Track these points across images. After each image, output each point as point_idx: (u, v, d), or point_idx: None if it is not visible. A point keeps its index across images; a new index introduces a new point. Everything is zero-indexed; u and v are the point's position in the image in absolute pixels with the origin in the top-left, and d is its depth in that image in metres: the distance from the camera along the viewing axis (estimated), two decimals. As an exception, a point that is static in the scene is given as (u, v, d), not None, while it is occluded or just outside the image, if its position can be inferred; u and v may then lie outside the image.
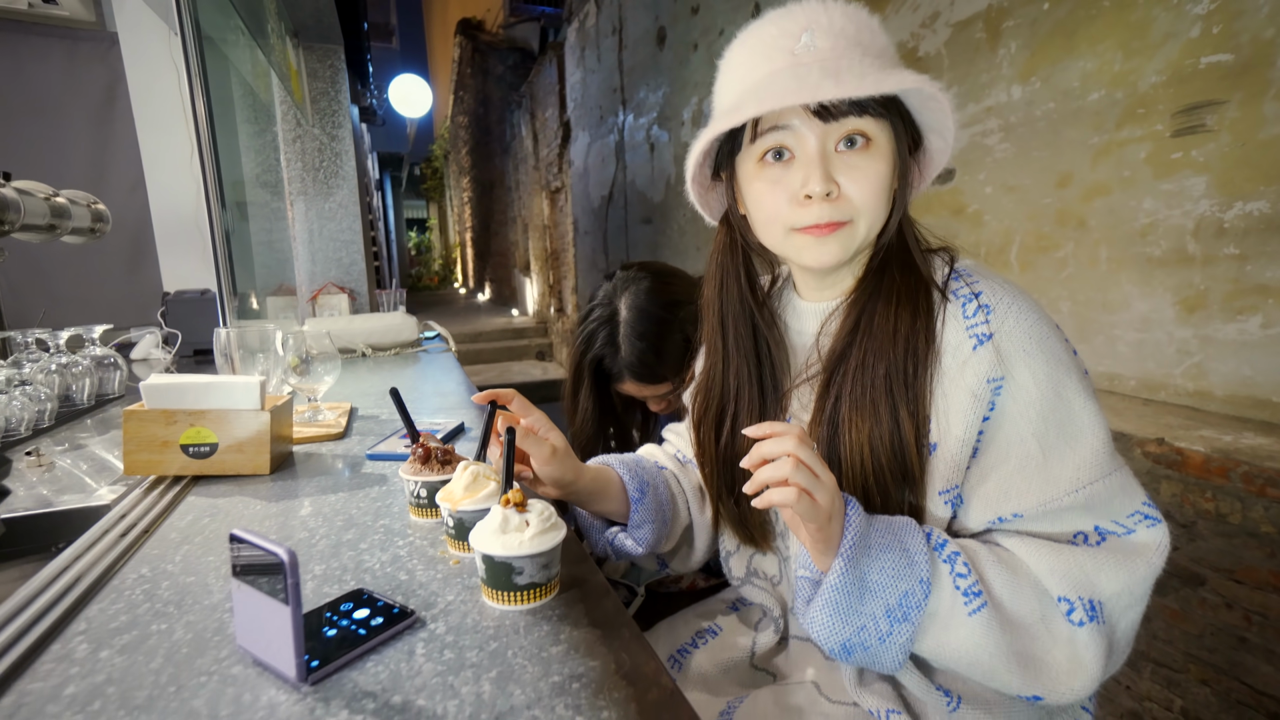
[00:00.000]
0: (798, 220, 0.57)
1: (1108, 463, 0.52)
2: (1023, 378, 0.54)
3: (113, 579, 0.58)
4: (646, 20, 3.99)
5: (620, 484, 0.74)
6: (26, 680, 0.43)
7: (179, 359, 1.97)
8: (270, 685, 0.43)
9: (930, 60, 2.22)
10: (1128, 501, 0.53)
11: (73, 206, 1.75)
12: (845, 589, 0.49)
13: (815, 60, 0.54)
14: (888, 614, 0.49)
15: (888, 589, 0.49)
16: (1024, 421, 0.54)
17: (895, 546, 0.50)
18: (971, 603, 0.49)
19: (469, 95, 10.93)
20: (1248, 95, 1.37)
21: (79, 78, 2.35)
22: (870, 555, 0.50)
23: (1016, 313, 0.55)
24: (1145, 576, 0.51)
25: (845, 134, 0.55)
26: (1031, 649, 0.50)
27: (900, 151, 0.57)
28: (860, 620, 0.49)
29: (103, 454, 1.06)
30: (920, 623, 0.50)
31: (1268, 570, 1.18)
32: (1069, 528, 0.53)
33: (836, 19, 0.55)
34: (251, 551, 0.44)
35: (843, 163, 0.56)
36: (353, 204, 2.78)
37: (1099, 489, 0.52)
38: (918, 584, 0.49)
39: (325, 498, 0.79)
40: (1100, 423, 0.54)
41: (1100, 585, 0.50)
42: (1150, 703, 1.40)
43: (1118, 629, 0.50)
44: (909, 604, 0.49)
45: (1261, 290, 1.39)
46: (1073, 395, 0.54)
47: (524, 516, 0.53)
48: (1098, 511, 0.53)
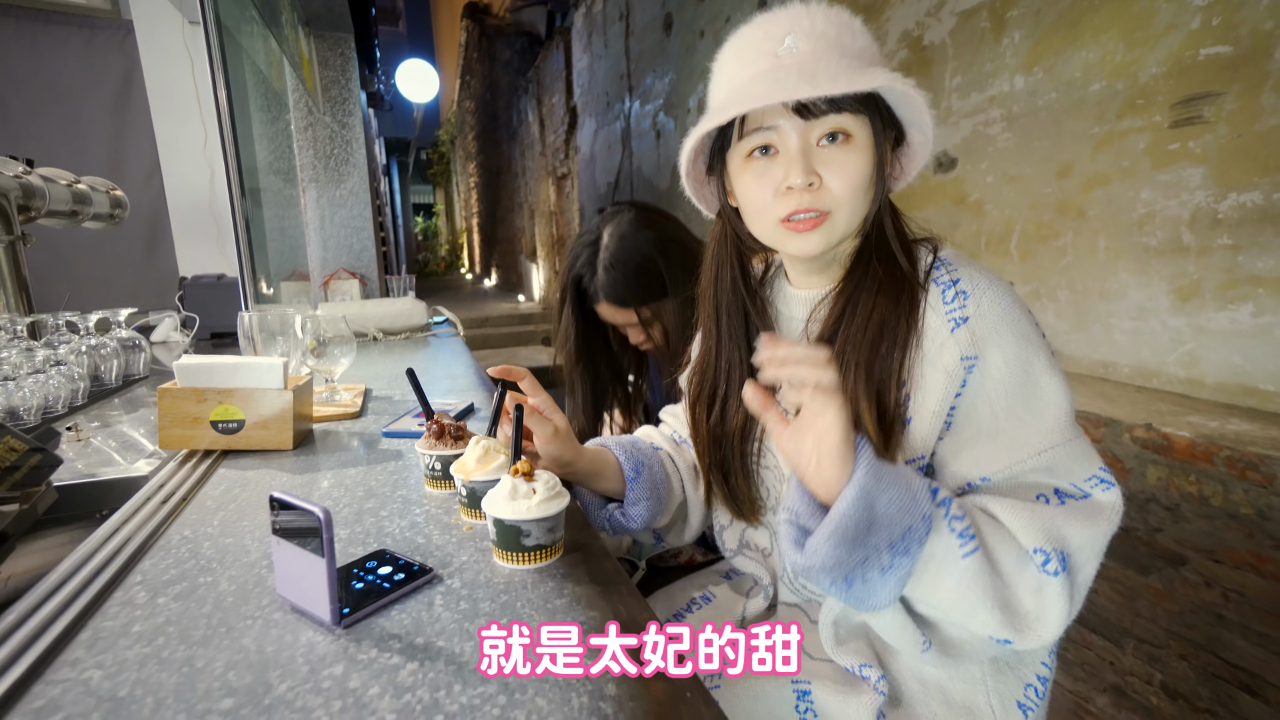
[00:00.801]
0: (782, 210, 0.61)
1: (1068, 430, 0.57)
2: (993, 356, 0.58)
3: (159, 539, 0.64)
4: (654, 7, 3.99)
5: (616, 464, 0.79)
6: (99, 619, 0.49)
7: (197, 341, 2.04)
8: (308, 628, 0.49)
9: (935, 49, 2.23)
10: (1086, 466, 0.57)
11: (93, 193, 1.81)
12: (856, 518, 0.50)
13: (795, 62, 0.58)
14: (890, 547, 0.50)
15: (894, 522, 0.50)
16: (995, 396, 0.58)
17: (901, 483, 0.51)
18: (966, 545, 0.51)
19: (476, 80, 10.90)
20: (1245, 87, 1.39)
21: (96, 66, 2.41)
22: (881, 487, 0.51)
23: (991, 297, 0.60)
24: (1105, 533, 0.55)
25: (825, 130, 0.59)
26: (1008, 595, 0.53)
27: (879, 146, 0.61)
28: (865, 552, 0.50)
29: (131, 432, 1.12)
30: (919, 560, 0.51)
31: (1246, 550, 1.22)
32: (1032, 490, 0.57)
33: (818, 23, 0.59)
34: (289, 511, 0.49)
35: (824, 156, 0.59)
36: (363, 191, 2.83)
37: (1060, 453, 0.56)
38: (920, 520, 0.51)
39: (345, 470, 0.85)
40: (1063, 395, 0.58)
41: (1069, 539, 0.53)
42: (1132, 677, 1.45)
43: (1076, 581, 0.54)
44: (911, 539, 0.50)
45: (1253, 280, 1.42)
46: (1039, 371, 0.58)
47: (531, 485, 0.58)
48: (1058, 474, 0.57)
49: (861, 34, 0.61)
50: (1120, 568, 1.46)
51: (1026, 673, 0.65)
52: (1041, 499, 0.57)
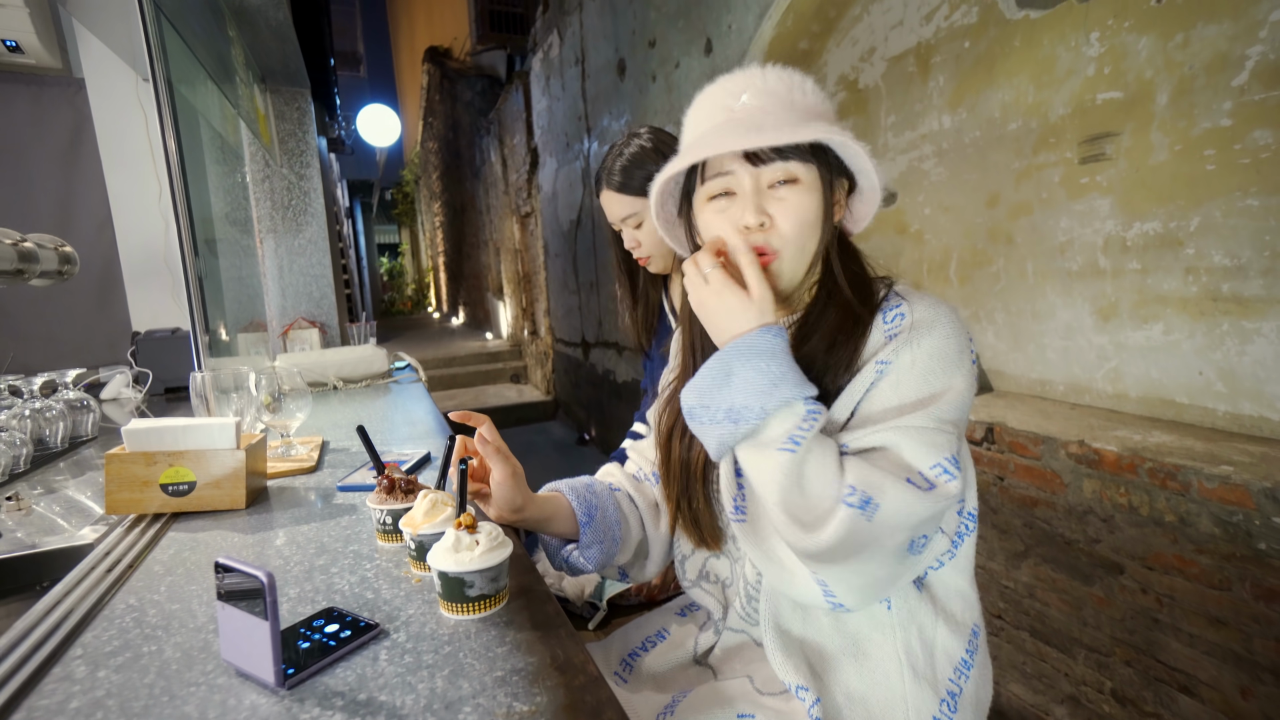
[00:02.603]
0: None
1: (932, 420, 0.62)
2: (903, 359, 0.65)
3: (103, 609, 0.64)
4: (607, 51, 4.14)
5: (569, 508, 0.82)
6: (34, 698, 0.50)
7: (150, 397, 2.00)
8: (252, 691, 0.50)
9: (870, 91, 2.38)
10: (932, 454, 0.62)
11: (40, 250, 1.79)
12: (711, 376, 0.64)
13: (747, 116, 0.66)
14: (727, 412, 0.63)
15: (737, 395, 0.62)
16: (888, 390, 0.65)
17: (768, 375, 0.62)
18: (785, 446, 0.61)
19: (438, 121, 11.02)
20: (1137, 126, 1.53)
21: (45, 122, 2.39)
22: (742, 365, 0.62)
23: (921, 316, 0.66)
24: (926, 508, 0.60)
25: (775, 176, 0.66)
26: (800, 502, 0.60)
27: (826, 189, 0.68)
28: (707, 400, 0.64)
29: (78, 496, 1.10)
30: (744, 431, 0.62)
31: (1172, 555, 1.30)
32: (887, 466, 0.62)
33: (769, 82, 0.68)
34: (234, 575, 0.51)
35: (774, 197, 0.67)
36: (322, 240, 2.84)
37: (912, 433, 0.62)
38: (759, 407, 0.61)
39: (299, 528, 0.86)
40: (951, 400, 0.63)
41: (885, 492, 0.59)
42: (1085, 686, 1.50)
43: (882, 539, 0.59)
44: (744, 414, 0.62)
45: (1161, 300, 1.53)
46: (939, 380, 0.64)
47: (474, 536, 0.61)
48: (909, 455, 0.62)
49: (812, 92, 0.69)
50: (1066, 578, 1.52)
51: (939, 688, 0.69)
52: (892, 475, 0.61)
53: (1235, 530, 1.21)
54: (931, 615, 0.71)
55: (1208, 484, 1.24)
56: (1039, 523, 1.58)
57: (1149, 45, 1.49)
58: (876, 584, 0.63)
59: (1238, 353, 1.41)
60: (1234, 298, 1.41)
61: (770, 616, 0.72)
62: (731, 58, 2.78)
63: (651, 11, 3.50)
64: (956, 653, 0.71)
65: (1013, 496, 1.64)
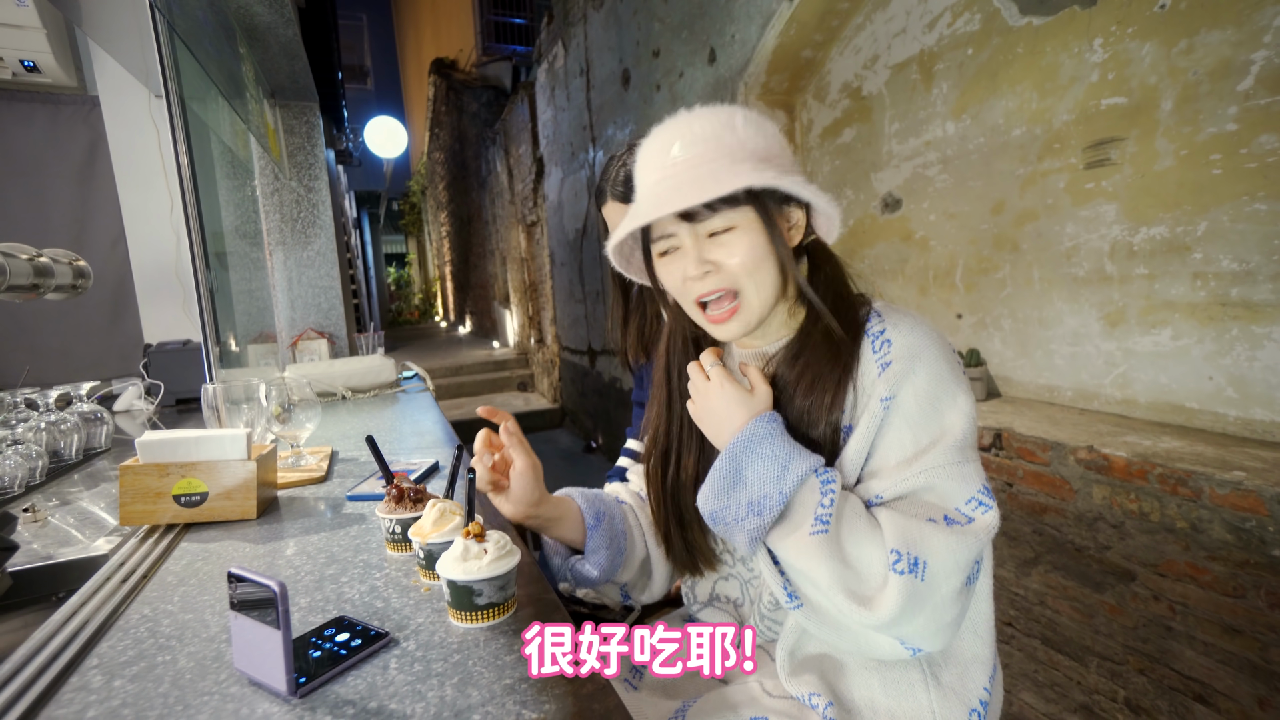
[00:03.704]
0: (693, 292, 0.70)
1: (954, 454, 0.63)
2: (906, 392, 0.65)
3: (118, 619, 0.65)
4: (612, 62, 4.18)
5: (578, 511, 0.82)
6: (51, 708, 0.50)
7: (162, 409, 2.02)
8: (264, 700, 0.51)
9: (873, 99, 2.39)
10: (964, 488, 0.63)
11: (55, 265, 1.82)
12: (723, 475, 0.66)
13: (675, 173, 0.67)
14: (749, 505, 0.64)
15: (755, 487, 0.64)
16: (902, 428, 0.65)
17: (776, 460, 0.64)
18: (816, 526, 0.61)
19: (445, 132, 11.13)
20: (1142, 132, 1.53)
21: (61, 140, 2.44)
22: (751, 458, 0.65)
23: (908, 339, 0.67)
24: (970, 547, 0.61)
25: (711, 228, 0.68)
26: (848, 577, 0.61)
27: (768, 225, 0.68)
28: (725, 500, 0.65)
29: (92, 508, 1.12)
30: (772, 521, 0.63)
31: (1185, 562, 1.29)
32: (924, 513, 0.63)
33: (698, 128, 0.68)
34: (247, 585, 0.52)
35: (715, 243, 0.68)
36: (330, 251, 2.87)
37: (941, 474, 0.63)
38: (777, 493, 0.63)
39: (309, 537, 0.86)
40: (961, 422, 0.65)
41: (929, 548, 0.59)
42: (1099, 695, 1.49)
43: (940, 589, 0.60)
44: (766, 504, 0.63)
45: (1169, 306, 1.53)
46: (944, 405, 0.65)
47: (483, 545, 0.61)
48: (941, 495, 0.63)
49: (743, 126, 0.69)
50: (1077, 586, 1.51)
51: (970, 698, 0.69)
52: (930, 521, 0.62)
53: (1248, 537, 1.19)
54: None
55: (1219, 490, 1.23)
56: (1049, 529, 1.57)
57: (1153, 51, 1.49)
58: (953, 622, 0.63)
59: (1248, 358, 1.40)
60: (1243, 303, 1.40)
61: (790, 638, 0.72)
62: (735, 67, 2.80)
63: (655, 23, 3.53)
64: (989, 659, 0.70)
65: (1021, 503, 1.63)
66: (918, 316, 0.70)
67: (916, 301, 2.29)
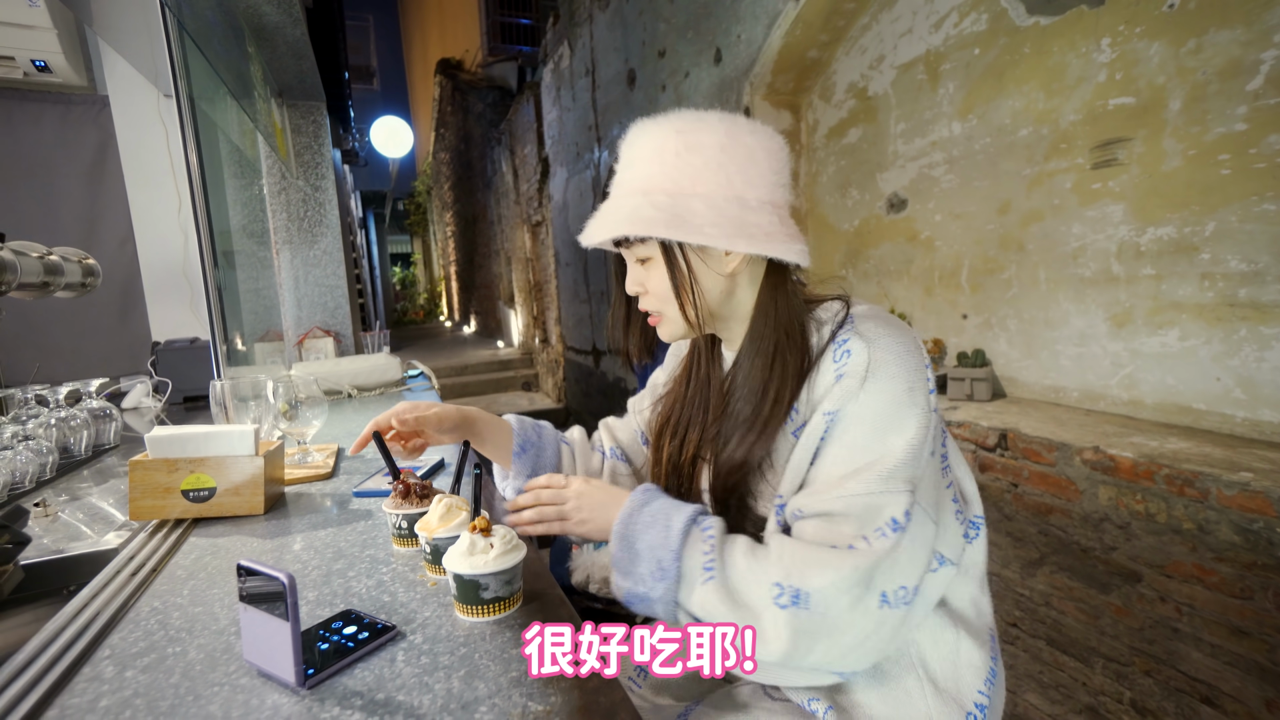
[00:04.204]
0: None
1: (879, 484, 0.60)
2: (850, 411, 0.63)
3: (129, 612, 0.65)
4: (617, 62, 4.18)
5: (509, 432, 0.89)
6: (66, 696, 0.51)
7: (169, 406, 2.03)
8: (274, 691, 0.51)
9: (879, 99, 2.38)
10: (875, 519, 0.60)
11: (65, 263, 1.83)
12: (622, 557, 0.67)
13: (613, 197, 0.72)
14: (652, 574, 0.65)
15: (651, 556, 0.65)
16: (840, 447, 0.63)
17: (660, 525, 0.66)
18: (705, 575, 0.63)
19: (450, 132, 11.16)
20: (1150, 133, 1.52)
21: (71, 139, 2.45)
22: (636, 532, 0.67)
23: (868, 356, 0.64)
24: (857, 569, 0.58)
25: (636, 255, 0.72)
26: (748, 616, 0.60)
27: (671, 260, 0.70)
28: (634, 578, 0.66)
29: (101, 503, 1.13)
30: (677, 581, 0.64)
31: (1191, 564, 1.28)
32: (843, 540, 0.61)
33: (639, 146, 0.70)
34: (256, 578, 0.52)
35: (643, 268, 0.73)
36: (336, 250, 2.88)
37: (859, 502, 0.60)
38: (670, 554, 0.64)
39: (316, 533, 0.87)
40: (901, 452, 0.61)
41: (810, 580, 0.58)
42: (1104, 696, 1.48)
43: (830, 613, 0.58)
44: (665, 567, 0.64)
45: (1176, 306, 1.52)
46: (891, 430, 0.62)
47: (489, 540, 0.62)
48: (854, 521, 0.60)
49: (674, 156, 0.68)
50: (1083, 587, 1.50)
51: (965, 701, 0.68)
52: (832, 548, 0.60)
53: (1256, 539, 1.19)
54: (950, 627, 0.69)
55: (1227, 491, 1.22)
56: (1054, 530, 1.56)
57: (1161, 51, 1.49)
58: (863, 643, 0.60)
59: (1256, 359, 1.39)
60: (1251, 303, 1.39)
61: None
62: (741, 67, 2.81)
63: (661, 23, 3.54)
64: (983, 664, 0.69)
65: (1027, 504, 1.62)
66: (893, 328, 0.66)
67: (922, 302, 2.29)
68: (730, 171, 0.68)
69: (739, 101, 2.84)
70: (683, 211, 0.66)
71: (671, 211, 0.66)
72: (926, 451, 0.63)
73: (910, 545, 0.60)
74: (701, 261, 0.70)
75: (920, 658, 0.68)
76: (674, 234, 0.66)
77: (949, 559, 0.67)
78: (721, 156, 0.68)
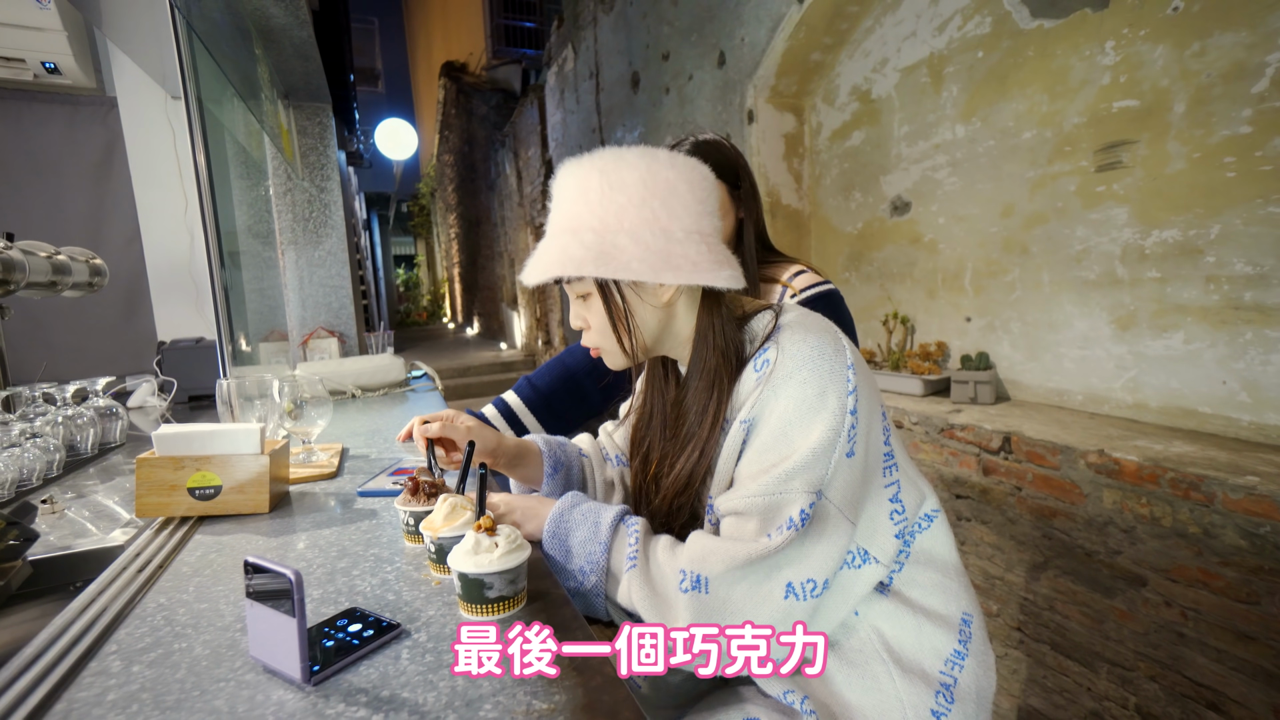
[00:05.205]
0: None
1: (778, 485, 0.64)
2: (763, 416, 0.67)
3: (135, 608, 0.66)
4: (621, 65, 4.20)
5: (539, 456, 0.91)
6: (73, 690, 0.51)
7: (174, 405, 2.04)
8: (279, 687, 0.51)
9: (883, 101, 2.39)
10: (775, 518, 0.64)
11: (72, 263, 1.85)
12: (556, 553, 0.73)
13: (544, 242, 0.73)
14: (581, 570, 0.71)
15: (583, 551, 0.72)
16: (752, 450, 0.68)
17: (589, 522, 0.73)
18: (627, 565, 0.69)
19: (454, 134, 11.19)
20: (1154, 135, 1.52)
21: (79, 140, 2.47)
22: (567, 529, 0.74)
23: (781, 363, 0.68)
24: (746, 559, 0.62)
25: (574, 291, 0.75)
26: (664, 610, 0.65)
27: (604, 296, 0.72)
28: (572, 572, 0.72)
29: (107, 501, 1.13)
30: (605, 573, 0.70)
31: (1197, 568, 1.27)
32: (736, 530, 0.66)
33: (565, 185, 0.71)
34: (263, 574, 0.53)
35: (582, 304, 0.76)
36: (341, 251, 2.90)
37: (758, 500, 0.65)
38: (599, 546, 0.71)
39: (320, 531, 0.87)
40: (804, 453, 0.64)
41: (709, 564, 0.63)
42: (1109, 702, 1.47)
43: (730, 599, 0.63)
44: (595, 560, 0.71)
45: (1180, 309, 1.52)
46: (797, 432, 0.65)
47: (493, 539, 0.62)
48: (756, 519, 0.65)
49: (597, 194, 0.69)
50: (1087, 591, 1.50)
51: (932, 680, 0.70)
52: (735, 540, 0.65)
53: (1262, 543, 1.18)
54: (909, 614, 0.72)
55: (1232, 495, 1.22)
56: (1058, 534, 1.56)
57: (1165, 54, 1.49)
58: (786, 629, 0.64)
59: (1262, 362, 1.39)
60: (1256, 306, 1.39)
61: None
62: (744, 70, 2.81)
63: (664, 26, 3.55)
64: (946, 646, 0.72)
65: (1030, 507, 1.62)
66: (811, 334, 0.69)
67: (925, 305, 2.29)
68: (654, 206, 0.69)
69: (742, 104, 2.85)
70: (609, 249, 0.67)
71: (599, 249, 0.68)
72: (838, 453, 0.65)
73: (816, 542, 0.63)
74: (636, 295, 0.73)
75: (884, 644, 0.71)
76: (602, 271, 0.67)
77: (875, 557, 0.70)
78: (644, 192, 0.69)
